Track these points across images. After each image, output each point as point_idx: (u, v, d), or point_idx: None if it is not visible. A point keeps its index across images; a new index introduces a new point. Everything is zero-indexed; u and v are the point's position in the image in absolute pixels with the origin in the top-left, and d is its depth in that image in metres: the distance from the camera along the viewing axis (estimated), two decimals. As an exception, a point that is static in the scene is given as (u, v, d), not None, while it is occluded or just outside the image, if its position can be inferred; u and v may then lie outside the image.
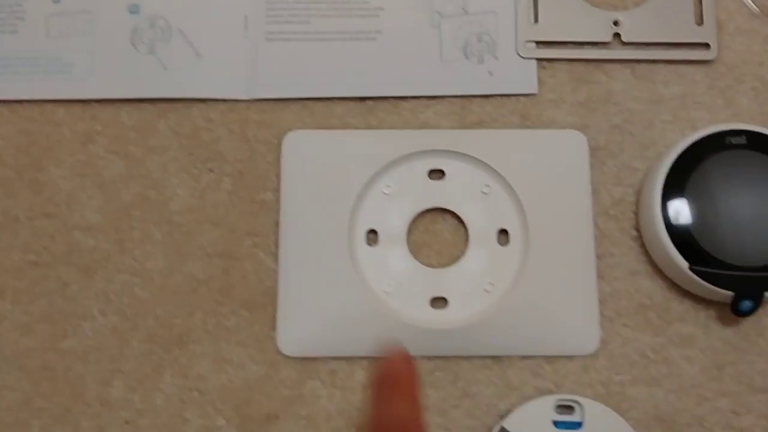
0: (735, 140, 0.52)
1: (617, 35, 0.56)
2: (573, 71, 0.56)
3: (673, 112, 0.55)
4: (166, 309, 0.52)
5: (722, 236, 0.51)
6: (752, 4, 0.57)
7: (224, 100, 0.55)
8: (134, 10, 0.56)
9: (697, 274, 0.50)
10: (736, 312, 0.50)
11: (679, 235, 0.51)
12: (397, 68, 0.56)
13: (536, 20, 0.57)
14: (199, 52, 0.56)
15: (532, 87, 0.56)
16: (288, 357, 0.51)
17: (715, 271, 0.50)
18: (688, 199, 0.51)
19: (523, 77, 0.56)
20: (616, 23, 0.57)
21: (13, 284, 0.52)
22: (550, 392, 0.51)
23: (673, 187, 0.51)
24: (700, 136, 0.52)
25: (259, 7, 0.57)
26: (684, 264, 0.50)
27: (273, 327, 0.52)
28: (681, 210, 0.51)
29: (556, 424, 0.49)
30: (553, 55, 0.57)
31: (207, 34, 0.56)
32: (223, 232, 0.53)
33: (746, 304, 0.50)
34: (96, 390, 0.51)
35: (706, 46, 0.56)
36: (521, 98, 0.56)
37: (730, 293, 0.50)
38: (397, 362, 0.35)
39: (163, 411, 0.51)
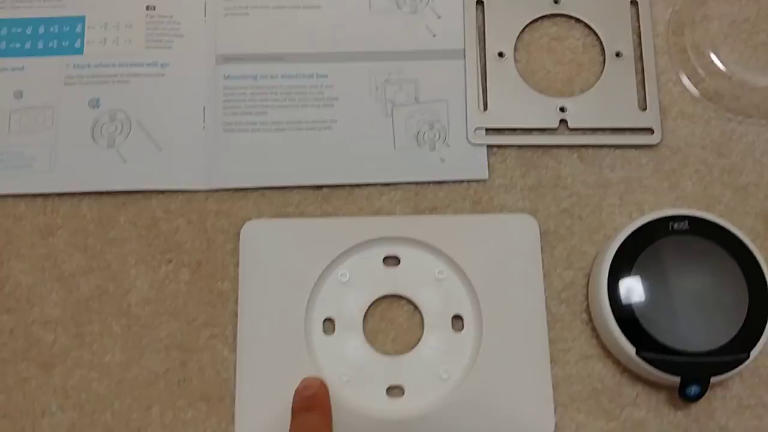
0: (678, 225, 0.51)
1: (564, 121, 0.55)
2: (522, 157, 0.55)
3: (620, 196, 0.54)
4: (123, 403, 0.50)
5: (667, 321, 0.49)
6: (694, 88, 0.56)
7: (183, 191, 0.53)
8: (95, 104, 0.55)
9: (644, 360, 0.48)
10: (683, 397, 0.48)
11: (626, 320, 0.49)
12: (351, 156, 0.55)
13: (485, 108, 0.56)
14: (159, 144, 0.54)
15: (482, 173, 0.55)
16: (246, 448, 0.49)
17: (661, 356, 0.49)
18: (633, 285, 0.50)
19: (474, 163, 0.55)
20: (562, 109, 0.56)
21: (-29, 381, 0.50)
22: (506, 478, 0.49)
23: (618, 273, 0.50)
24: (645, 222, 0.51)
25: (217, 98, 0.55)
26: (631, 349, 0.49)
27: (230, 419, 0.49)
28: (627, 295, 0.50)
29: None
30: (502, 142, 0.55)
31: (166, 126, 0.55)
32: (181, 323, 0.51)
33: (693, 389, 0.48)
34: (54, 487, 0.48)
35: (650, 131, 0.55)
36: (473, 184, 0.54)
37: (677, 378, 0.48)
38: (312, 382, 0.46)
39: (121, 507, 0.48)
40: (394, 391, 0.50)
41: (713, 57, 0.56)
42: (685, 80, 0.57)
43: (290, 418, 0.47)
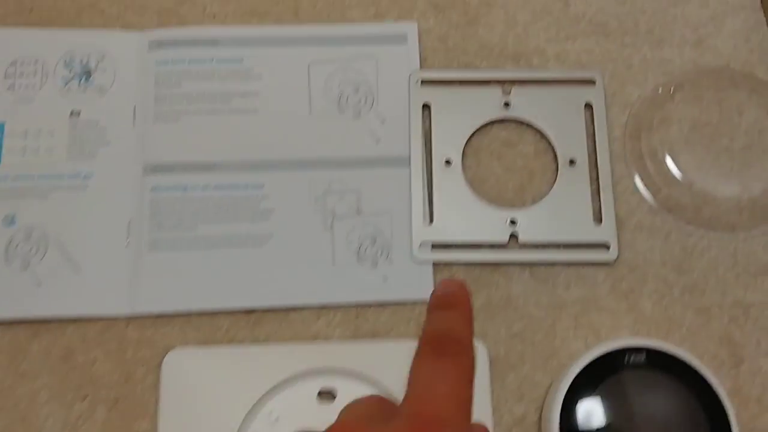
0: (635, 358, 0.46)
1: (514, 235, 0.51)
2: (470, 274, 0.50)
3: (575, 318, 0.49)
4: None
5: None
6: (652, 198, 0.51)
7: (102, 318, 0.48)
8: (10, 221, 0.50)
9: None
10: None
11: None
12: (287, 276, 0.50)
13: (431, 221, 0.51)
14: (77, 265, 0.49)
15: (428, 293, 0.49)
16: None
17: None
18: (589, 422, 0.45)
19: (419, 282, 0.50)
20: (513, 222, 0.51)
21: None
22: None
23: (572, 409, 0.45)
24: (599, 354, 0.46)
25: (143, 213, 0.50)
26: None
27: None
28: None
29: None
30: (449, 258, 0.51)
31: (86, 245, 0.50)
32: (96, 467, 0.45)
33: None
34: None
35: (606, 246, 0.50)
36: (418, 305, 0.49)
37: None
38: (453, 285, 0.36)
39: None
40: None
41: (671, 164, 0.52)
42: (643, 189, 0.52)
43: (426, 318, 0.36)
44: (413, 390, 0.31)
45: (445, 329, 0.35)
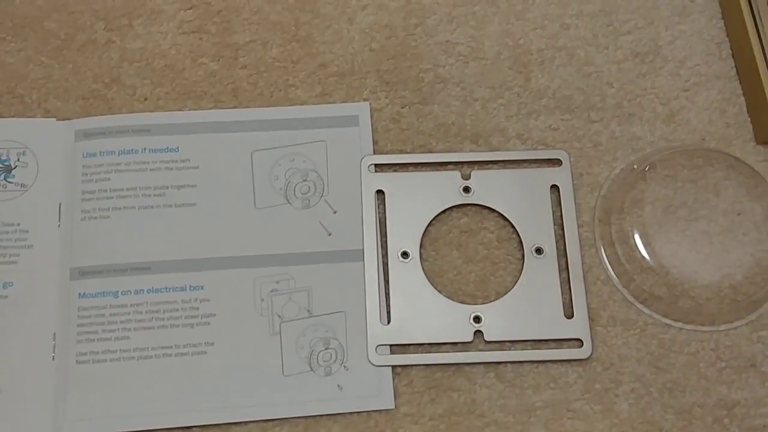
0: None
1: (479, 333, 0.53)
2: (431, 377, 0.52)
3: (546, 424, 0.51)
4: None
5: None
6: (624, 289, 0.54)
7: (25, 443, 0.49)
8: None
9: None
10: None
11: None
12: (230, 388, 0.51)
13: (389, 320, 0.53)
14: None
15: (387, 401, 0.51)
16: None
17: None
18: None
19: (377, 389, 0.52)
20: (477, 319, 0.53)
21: None
22: None
23: None
24: None
25: (70, 323, 0.52)
26: None
27: None
28: None
29: None
30: (408, 361, 0.52)
31: (7, 360, 0.51)
32: None
33: None
34: None
35: (579, 342, 0.53)
36: (374, 414, 0.51)
37: None
38: None
39: None
40: None
41: (644, 250, 0.54)
42: (615, 279, 0.54)
43: None
44: None
45: None
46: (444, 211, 0.56)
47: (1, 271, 0.53)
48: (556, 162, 0.56)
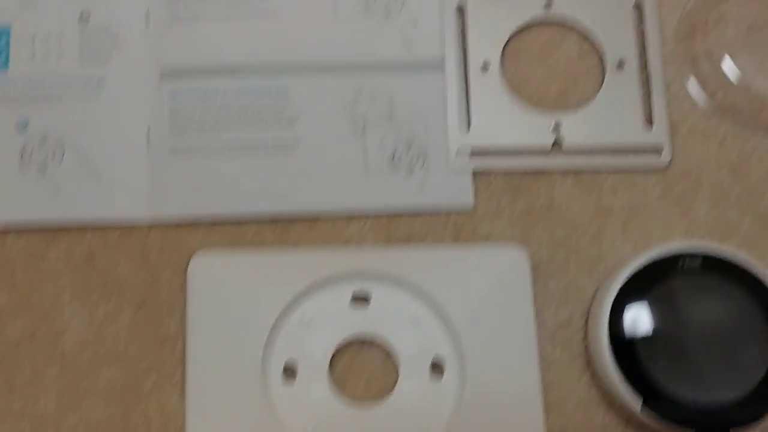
0: (689, 263, 0.61)
1: (558, 141, 0.67)
2: (511, 181, 0.66)
3: (623, 224, 0.65)
4: (56, 461, 0.60)
5: (678, 369, 0.58)
6: (707, 101, 0.68)
7: (123, 224, 0.65)
8: (23, 126, 0.67)
9: (653, 410, 0.58)
10: (697, 450, 0.57)
11: (631, 367, 0.58)
12: (316, 182, 0.66)
13: (469, 127, 0.68)
14: (96, 171, 0.66)
15: (466, 200, 0.66)
16: None
17: (671, 407, 0.58)
18: (638, 328, 0.59)
19: (457, 190, 0.66)
20: (557, 127, 0.67)
21: None
22: None
23: (622, 314, 0.59)
24: (651, 259, 0.61)
25: (162, 118, 0.67)
26: (637, 400, 0.58)
27: (178, 478, 0.60)
28: (632, 339, 0.59)
29: None
30: (488, 165, 0.67)
31: (105, 151, 0.66)
32: (123, 369, 0.62)
33: (708, 441, 0.57)
34: None
35: (658, 151, 0.67)
36: (454, 213, 0.66)
37: (690, 431, 0.58)
38: None
39: None
40: (366, 446, 0.61)
41: (729, 65, 0.69)
42: (697, 92, 0.68)
43: None
44: None
45: None
46: (525, 26, 0.70)
47: (94, 69, 0.68)
48: (640, -21, 0.71)
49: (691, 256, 0.61)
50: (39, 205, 0.64)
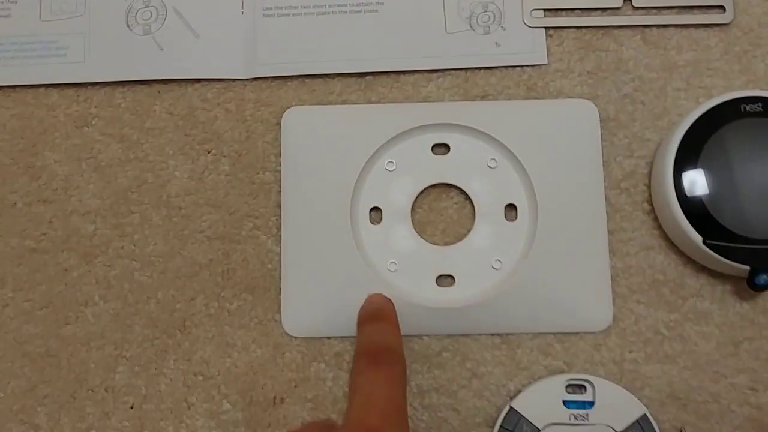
0: (751, 107, 0.65)
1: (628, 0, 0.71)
2: (581, 39, 0.71)
3: (687, 80, 0.70)
4: (167, 293, 0.67)
5: (737, 208, 0.63)
6: (770, -37, 0.71)
7: (221, 80, 0.71)
8: (127, -11, 0.72)
9: (712, 248, 0.63)
10: (752, 286, 0.62)
11: (693, 208, 0.63)
12: (399, 41, 0.71)
13: (543, -15, 0.72)
14: (196, 31, 0.71)
15: (541, 57, 0.70)
16: (292, 340, 0.66)
17: (730, 244, 0.63)
18: (701, 170, 0.64)
19: (531, 47, 0.70)
20: (627, -14, 0.71)
21: (13, 271, 0.68)
22: (560, 371, 0.65)
23: (685, 158, 0.64)
24: (714, 104, 0.64)
25: (255, -18, 0.72)
26: (698, 238, 0.63)
27: (276, 310, 0.66)
28: (694, 182, 0.64)
29: (567, 403, 0.63)
30: (561, 24, 0.71)
31: (203, 13, 0.71)
32: (223, 214, 0.68)
33: (763, 278, 0.62)
34: (100, 376, 0.66)
35: (722, 8, 0.71)
36: (527, 69, 0.70)
37: (746, 267, 0.63)
38: (379, 300, 0.60)
39: (167, 396, 0.66)
40: (444, 280, 0.67)
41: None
42: (762, -46, 0.72)
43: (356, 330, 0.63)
44: (353, 401, 0.51)
45: (378, 340, 0.58)
46: None
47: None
48: None
49: (752, 101, 0.64)
50: (144, 62, 0.69)
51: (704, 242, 0.62)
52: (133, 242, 0.67)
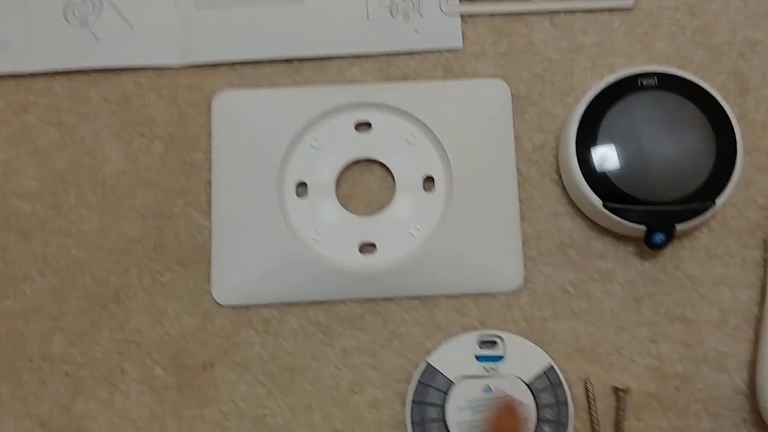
0: (647, 82, 0.69)
1: (539, -9, 0.75)
2: (494, 25, 0.75)
3: (592, 60, 0.74)
4: (102, 268, 0.70)
5: (634, 173, 0.67)
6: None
7: (155, 68, 0.74)
8: (64, -18, 0.76)
9: (611, 211, 0.67)
10: (649, 245, 0.67)
11: (593, 175, 0.67)
12: (323, 29, 0.74)
13: (458, -23, 0.76)
14: (131, 22, 0.75)
15: (456, 42, 0.74)
16: (222, 308, 0.69)
17: (627, 206, 0.67)
18: (601, 140, 0.68)
19: (448, 32, 0.74)
20: (536, -23, 0.76)
21: (-46, 249, 0.71)
22: (475, 329, 0.69)
23: (587, 130, 0.68)
24: (613, 80, 0.69)
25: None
26: (598, 201, 0.67)
27: (207, 281, 0.69)
28: (594, 150, 0.68)
29: (479, 358, 0.67)
30: (475, 11, 0.75)
31: (138, 5, 0.75)
32: (156, 193, 0.71)
33: (658, 237, 0.66)
34: (37, 346, 0.69)
35: (624, -7, 0.75)
36: (444, 53, 0.74)
37: (642, 227, 0.67)
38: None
39: (102, 363, 0.69)
40: (367, 248, 0.70)
41: None
42: (661, -57, 0.77)
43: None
44: None
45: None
46: None
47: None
48: None
49: (648, 76, 0.69)
50: (81, 52, 0.73)
51: (604, 205, 0.67)
52: (70, 221, 0.70)
